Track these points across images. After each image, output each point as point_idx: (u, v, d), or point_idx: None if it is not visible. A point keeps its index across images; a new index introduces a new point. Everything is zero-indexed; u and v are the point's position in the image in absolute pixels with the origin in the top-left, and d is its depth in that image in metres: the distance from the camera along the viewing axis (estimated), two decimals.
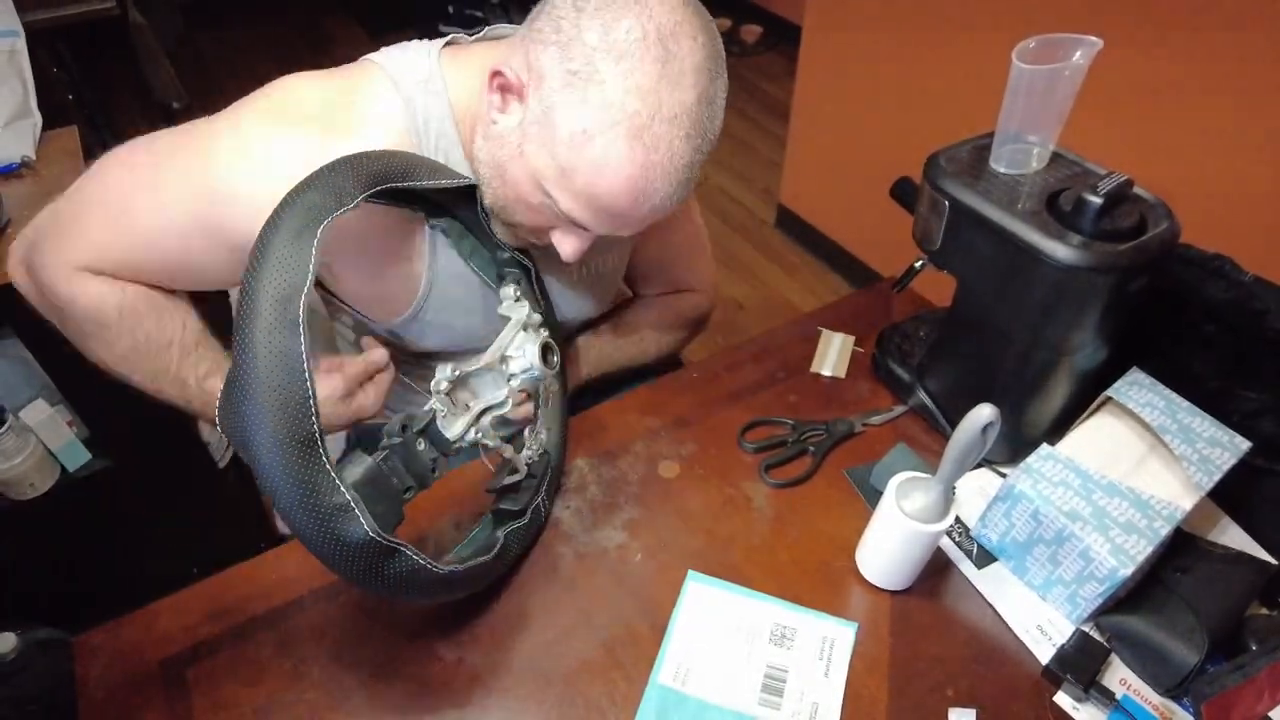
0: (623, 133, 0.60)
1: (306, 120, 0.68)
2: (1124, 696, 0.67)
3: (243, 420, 0.52)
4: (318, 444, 0.53)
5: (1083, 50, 0.65)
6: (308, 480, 0.52)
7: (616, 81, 0.59)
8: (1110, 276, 0.67)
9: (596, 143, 0.61)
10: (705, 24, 0.63)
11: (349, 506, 0.53)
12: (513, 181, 0.68)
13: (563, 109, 0.61)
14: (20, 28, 1.40)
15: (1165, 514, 0.68)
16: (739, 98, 3.41)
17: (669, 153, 0.62)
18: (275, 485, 0.52)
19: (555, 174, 0.64)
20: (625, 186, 0.63)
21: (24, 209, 1.22)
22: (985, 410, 0.59)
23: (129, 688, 0.68)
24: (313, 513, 0.53)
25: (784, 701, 0.67)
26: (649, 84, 0.59)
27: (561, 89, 0.61)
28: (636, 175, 0.62)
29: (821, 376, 0.97)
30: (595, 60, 0.59)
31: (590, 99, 0.60)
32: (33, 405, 1.31)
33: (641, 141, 0.61)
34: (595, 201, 0.64)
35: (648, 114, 0.60)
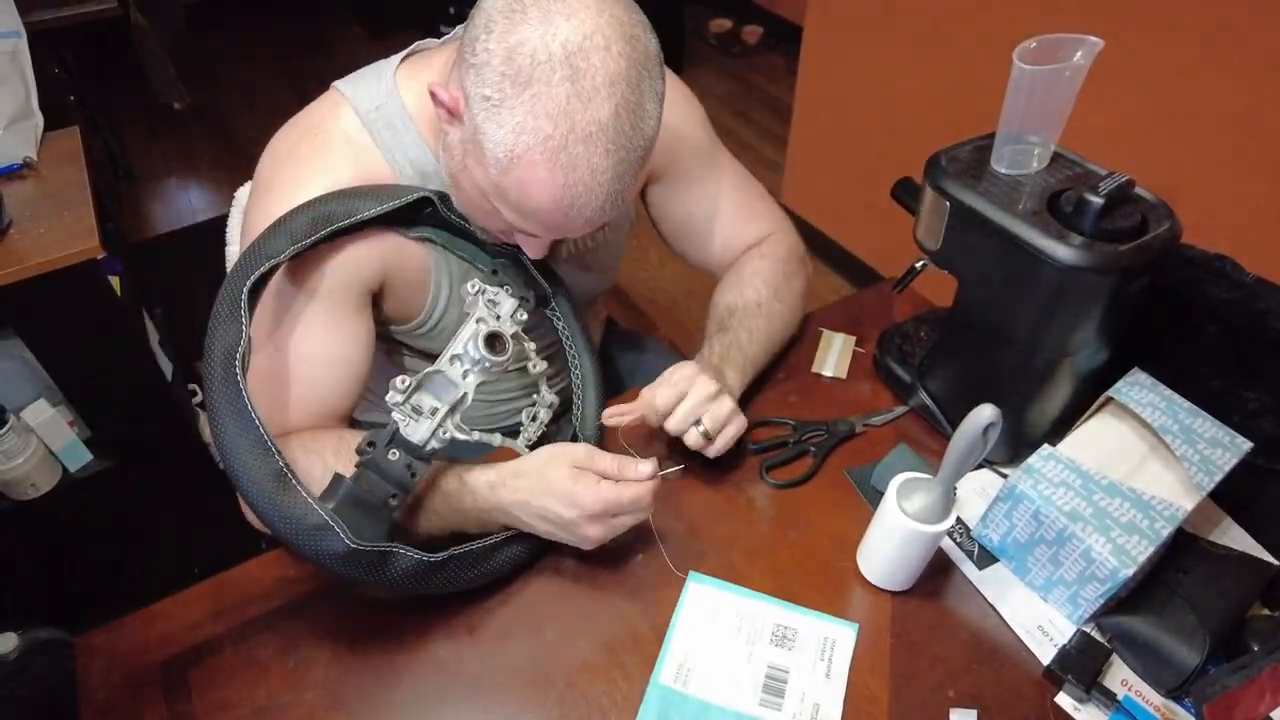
0: (538, 157, 0.61)
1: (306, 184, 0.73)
2: (1125, 697, 0.67)
3: (230, 469, 0.62)
4: (288, 477, 0.62)
5: (1083, 51, 0.65)
6: (288, 508, 0.61)
7: (525, 107, 0.59)
8: (1111, 277, 0.67)
9: (517, 166, 0.62)
10: (624, 30, 0.61)
11: (328, 525, 0.61)
12: (465, 191, 0.70)
13: (485, 132, 0.62)
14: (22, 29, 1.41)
15: (1167, 514, 0.68)
16: (740, 98, 3.41)
17: (589, 170, 0.62)
18: (265, 517, 0.61)
19: (491, 190, 0.66)
20: (552, 205, 0.64)
21: (26, 209, 1.22)
22: (986, 410, 0.59)
23: (130, 688, 0.68)
24: (299, 535, 0.61)
25: (785, 702, 0.67)
26: (558, 107, 0.59)
27: (480, 113, 0.61)
28: (559, 195, 0.63)
29: (822, 377, 0.97)
30: (504, 86, 0.60)
31: (505, 124, 0.60)
32: (34, 406, 1.32)
33: (559, 163, 0.61)
34: (532, 216, 0.66)
35: (560, 136, 0.60)
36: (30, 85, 1.39)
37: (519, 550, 0.75)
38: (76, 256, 1.17)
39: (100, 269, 1.23)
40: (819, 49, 2.23)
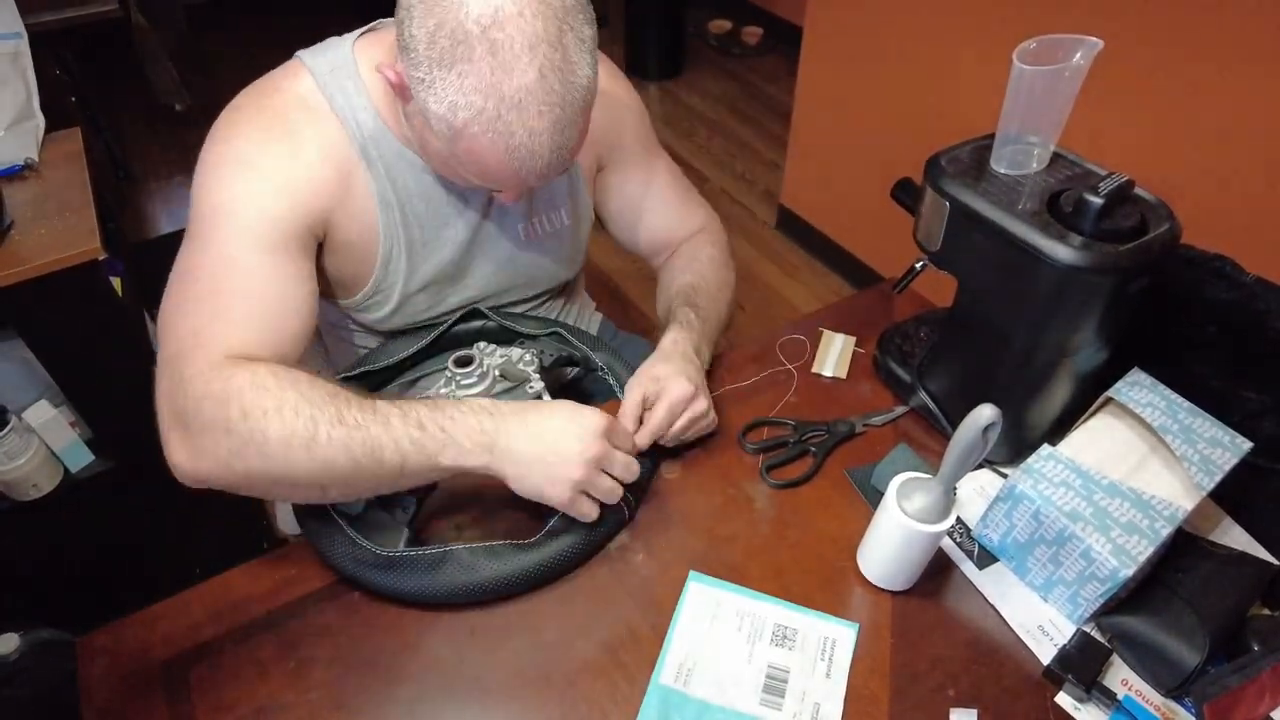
0: (477, 130, 0.65)
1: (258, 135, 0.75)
2: (1125, 697, 0.67)
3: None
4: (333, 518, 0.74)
5: (1083, 51, 0.66)
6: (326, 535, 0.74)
7: (454, 86, 0.63)
8: (1111, 277, 0.67)
9: (461, 138, 0.66)
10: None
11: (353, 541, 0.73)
12: (432, 157, 0.75)
13: (427, 109, 0.65)
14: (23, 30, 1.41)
15: (1167, 514, 0.68)
16: (739, 99, 3.41)
17: (526, 133, 0.65)
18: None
19: (449, 157, 0.70)
20: (500, 168, 0.68)
21: (27, 210, 1.22)
22: (986, 411, 0.59)
23: (131, 689, 0.68)
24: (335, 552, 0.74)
25: (785, 702, 0.67)
26: (484, 81, 0.62)
27: (420, 92, 0.65)
28: (504, 160, 0.67)
29: (822, 377, 0.97)
30: (431, 69, 0.63)
31: (441, 101, 0.64)
32: (36, 406, 1.32)
33: (497, 132, 0.65)
34: (488, 177, 0.71)
35: (492, 108, 0.63)
36: (31, 86, 1.39)
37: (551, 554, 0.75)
38: (78, 257, 1.17)
39: (101, 270, 1.23)
40: (819, 49, 2.23)
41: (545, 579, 0.74)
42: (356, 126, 0.78)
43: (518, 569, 0.72)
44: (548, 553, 0.73)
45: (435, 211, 0.86)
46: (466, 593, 0.72)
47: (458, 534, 0.80)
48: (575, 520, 0.74)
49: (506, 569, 0.72)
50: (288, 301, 0.74)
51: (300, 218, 0.75)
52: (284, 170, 0.74)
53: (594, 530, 0.76)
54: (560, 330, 0.95)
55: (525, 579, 0.73)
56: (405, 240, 0.85)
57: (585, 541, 0.75)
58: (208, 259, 0.72)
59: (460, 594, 0.72)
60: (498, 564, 0.72)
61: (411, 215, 0.84)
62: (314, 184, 0.76)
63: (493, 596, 0.73)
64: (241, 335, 0.69)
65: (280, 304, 0.73)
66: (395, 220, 0.83)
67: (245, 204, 0.72)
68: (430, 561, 0.71)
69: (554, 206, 0.94)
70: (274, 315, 0.72)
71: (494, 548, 0.73)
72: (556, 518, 0.75)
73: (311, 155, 0.76)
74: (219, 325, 0.69)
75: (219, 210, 0.72)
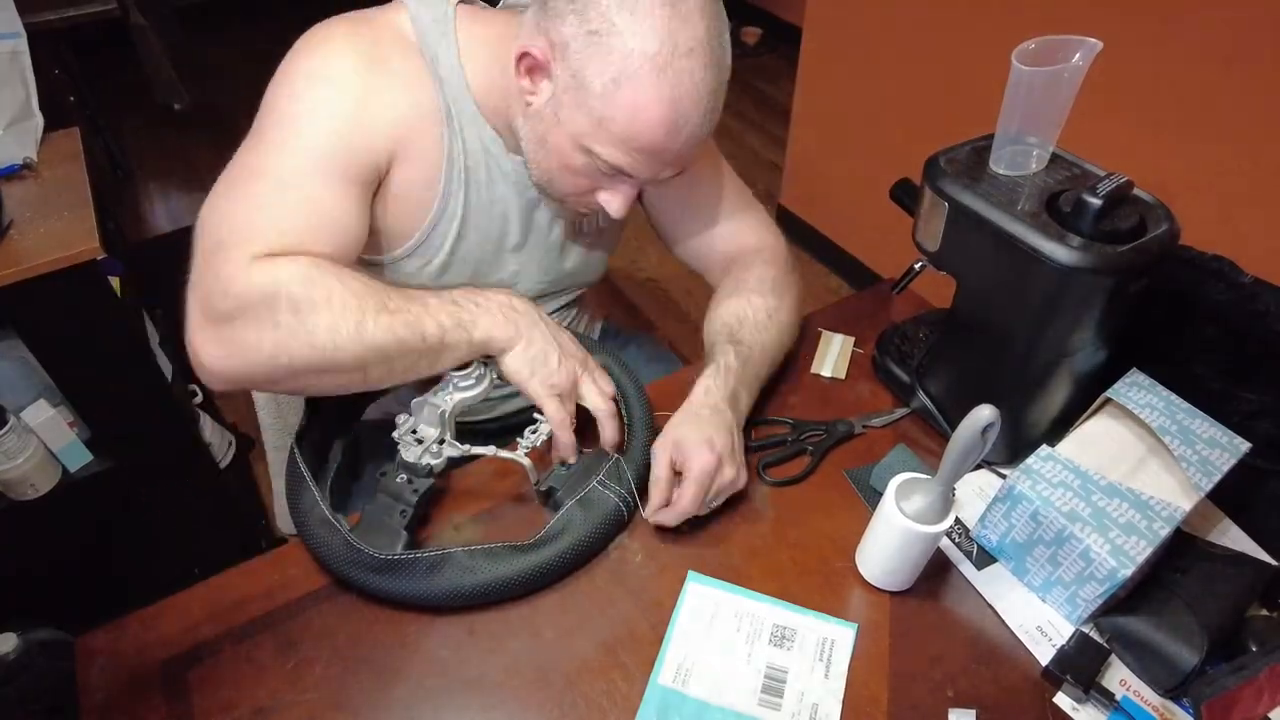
0: (648, 73, 0.67)
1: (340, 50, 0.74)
2: (1124, 697, 0.67)
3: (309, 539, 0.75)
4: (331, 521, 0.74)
5: (1082, 52, 0.66)
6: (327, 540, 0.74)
7: (633, 29, 0.66)
8: (1110, 278, 0.67)
9: (626, 88, 0.67)
10: None
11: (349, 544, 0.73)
12: (555, 150, 0.75)
13: (590, 67, 0.68)
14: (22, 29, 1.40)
15: (1165, 515, 0.68)
16: (739, 99, 3.41)
17: (693, 83, 0.68)
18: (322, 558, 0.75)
19: (593, 128, 0.70)
20: (660, 121, 0.69)
21: (26, 210, 1.22)
22: (985, 411, 0.60)
23: (130, 688, 0.68)
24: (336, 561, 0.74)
25: (784, 702, 0.67)
26: (662, 26, 0.66)
27: (585, 50, 0.67)
28: (667, 108, 0.68)
29: (821, 377, 0.97)
30: (610, 15, 0.66)
31: (614, 50, 0.66)
32: (34, 406, 1.31)
33: (666, 77, 0.67)
34: (634, 142, 0.70)
35: (667, 52, 0.66)
36: (30, 86, 1.39)
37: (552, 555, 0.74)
38: (77, 257, 1.17)
39: (100, 269, 1.23)
40: (818, 50, 2.24)
41: (544, 581, 0.74)
42: (444, 80, 0.78)
43: (517, 571, 0.72)
44: (546, 555, 0.73)
45: (496, 196, 0.85)
46: (465, 595, 0.71)
47: (456, 534, 0.80)
48: (573, 522, 0.74)
49: (505, 571, 0.72)
50: (339, 219, 0.73)
51: (370, 148, 0.74)
52: (365, 98, 0.73)
53: (593, 532, 0.75)
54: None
55: (524, 581, 0.73)
56: (462, 205, 0.83)
57: (584, 543, 0.75)
58: (267, 161, 0.71)
59: (459, 597, 0.71)
60: (497, 566, 0.72)
61: (474, 188, 0.83)
62: (392, 118, 0.75)
63: (492, 600, 0.73)
64: (286, 236, 0.69)
65: (331, 219, 0.72)
66: (458, 182, 0.82)
67: (320, 120, 0.72)
68: (429, 564, 0.71)
69: None
70: (323, 229, 0.72)
71: (493, 550, 0.73)
72: (554, 520, 0.75)
73: (397, 91, 0.75)
74: (264, 222, 0.69)
75: (291, 119, 0.72)
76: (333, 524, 0.73)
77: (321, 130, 0.72)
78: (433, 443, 0.76)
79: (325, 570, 0.75)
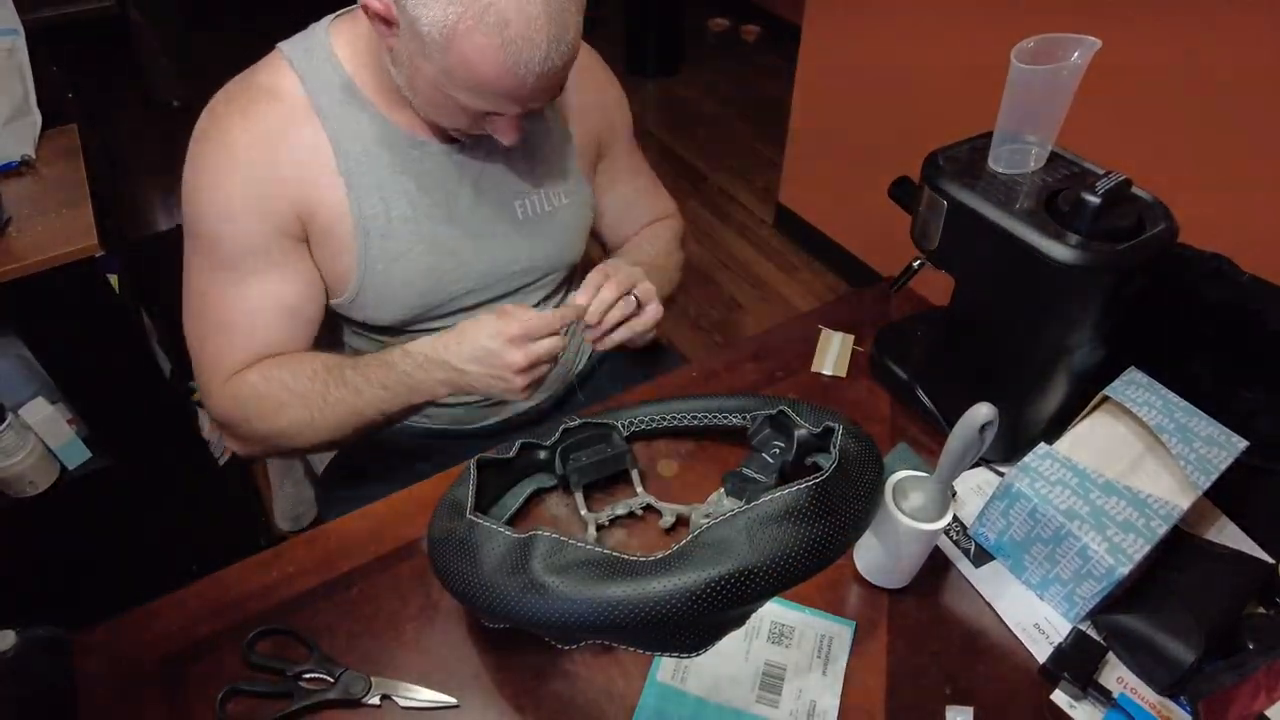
0: (471, 23, 0.63)
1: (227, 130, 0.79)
2: (1121, 695, 0.67)
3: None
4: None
5: (1081, 50, 0.66)
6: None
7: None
8: (1108, 276, 0.67)
9: (456, 40, 0.65)
10: None
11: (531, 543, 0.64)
12: (423, 93, 0.74)
13: (419, 20, 0.65)
14: (20, 26, 1.40)
15: (1163, 513, 0.69)
16: (738, 97, 3.41)
17: (522, 18, 0.64)
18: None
19: (443, 77, 0.69)
20: (499, 67, 0.66)
21: (24, 207, 1.22)
22: (983, 409, 0.60)
23: (129, 686, 0.69)
24: None
25: (782, 700, 0.68)
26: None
27: (410, 5, 0.65)
28: (502, 55, 0.65)
29: (822, 376, 0.97)
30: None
31: (432, 4, 0.64)
32: (33, 403, 1.31)
33: (490, 23, 0.63)
34: (486, 88, 0.68)
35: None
36: (28, 83, 1.39)
37: None
38: (75, 254, 1.16)
39: (99, 267, 1.23)
40: (817, 47, 2.23)
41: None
42: (327, 107, 0.79)
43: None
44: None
45: (428, 188, 0.85)
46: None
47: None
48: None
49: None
50: (283, 306, 0.83)
51: (274, 226, 0.80)
52: (254, 179, 0.77)
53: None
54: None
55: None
56: (390, 219, 0.83)
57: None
58: (201, 282, 0.82)
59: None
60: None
61: (399, 194, 0.83)
62: (285, 184, 0.79)
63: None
64: (238, 354, 0.83)
65: (276, 313, 0.83)
66: (373, 199, 0.82)
67: (220, 232, 0.79)
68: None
69: (550, 184, 0.93)
70: (271, 325, 0.83)
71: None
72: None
73: (280, 153, 0.78)
74: (219, 349, 0.83)
75: (202, 229, 0.79)
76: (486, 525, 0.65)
77: (227, 235, 0.79)
78: None
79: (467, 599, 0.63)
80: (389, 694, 0.67)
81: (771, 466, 0.79)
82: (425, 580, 0.75)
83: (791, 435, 0.78)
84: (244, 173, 0.77)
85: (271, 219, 0.79)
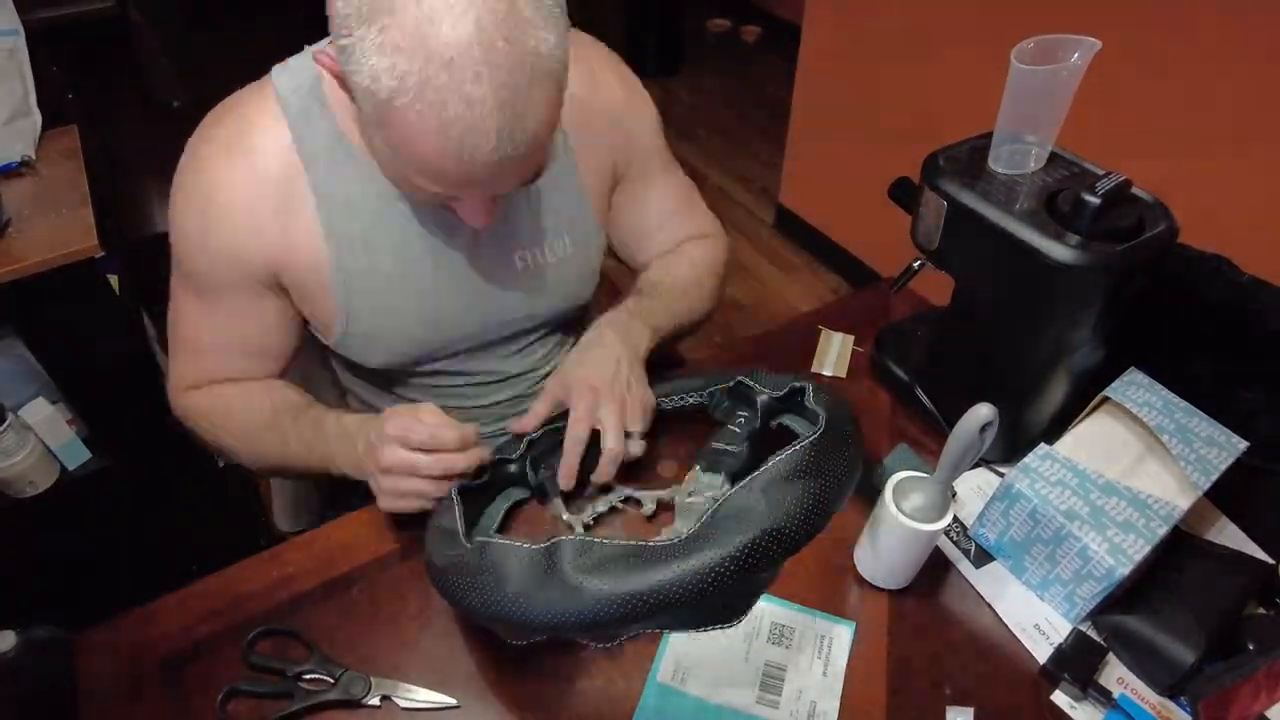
0: (404, 101, 0.53)
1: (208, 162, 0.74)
2: (1121, 695, 0.67)
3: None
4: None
5: (1081, 51, 0.66)
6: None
7: (374, 44, 0.52)
8: (1108, 276, 0.67)
9: (390, 117, 0.55)
10: None
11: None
12: (381, 162, 0.67)
13: (356, 86, 0.55)
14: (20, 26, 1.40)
15: (1163, 513, 0.69)
16: (738, 97, 3.41)
17: (463, 101, 0.53)
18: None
19: (390, 155, 0.60)
20: (440, 154, 0.56)
21: (24, 207, 1.22)
22: (983, 410, 0.60)
23: (129, 686, 0.68)
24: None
25: (782, 700, 0.68)
26: (408, 36, 0.51)
27: (346, 68, 0.55)
28: (440, 141, 0.55)
29: (822, 376, 0.97)
30: (353, 27, 0.53)
31: (364, 73, 0.53)
32: (33, 404, 1.32)
33: (425, 101, 0.53)
34: (429, 172, 0.59)
35: (418, 70, 0.52)
36: (28, 83, 1.39)
37: None
38: (75, 255, 1.17)
39: (98, 267, 1.23)
40: (817, 48, 2.24)
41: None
42: (314, 144, 0.72)
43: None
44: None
45: (414, 242, 0.78)
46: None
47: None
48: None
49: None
50: (241, 345, 0.83)
51: (244, 270, 0.77)
52: (231, 229, 0.74)
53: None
54: None
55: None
56: (375, 275, 0.78)
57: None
58: (176, 303, 0.82)
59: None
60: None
61: (384, 248, 0.77)
62: (262, 237, 0.74)
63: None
64: (196, 375, 0.85)
65: (232, 349, 0.83)
66: (356, 253, 0.76)
67: (194, 261, 0.77)
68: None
69: (555, 234, 0.84)
70: (231, 358, 0.84)
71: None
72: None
73: (259, 208, 0.73)
74: (181, 364, 0.85)
75: (179, 251, 0.78)
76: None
77: (203, 264, 0.77)
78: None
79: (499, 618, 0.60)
80: (389, 694, 0.67)
81: (740, 436, 0.80)
82: (425, 580, 0.75)
83: (754, 403, 0.81)
84: (222, 222, 0.73)
85: (243, 267, 0.76)
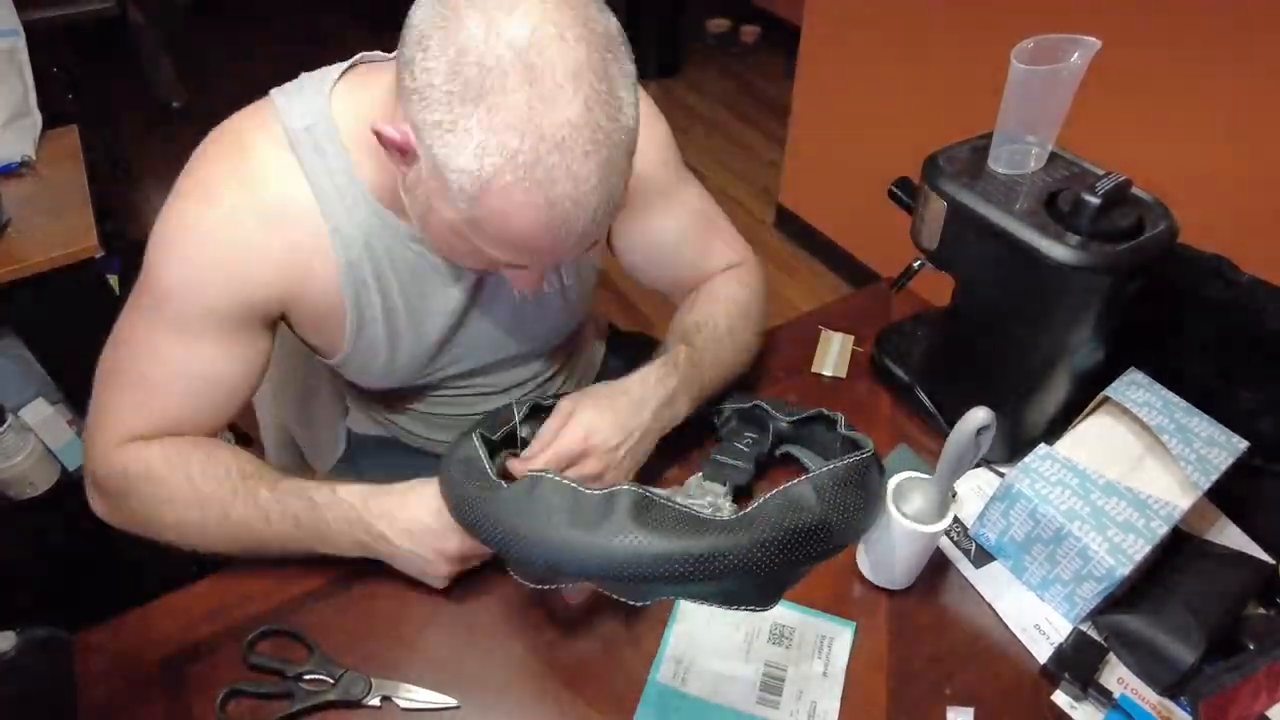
0: (510, 179, 0.53)
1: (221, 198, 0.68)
2: (1122, 695, 0.67)
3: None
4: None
5: (1080, 51, 0.66)
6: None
7: (483, 124, 0.52)
8: (1108, 277, 0.67)
9: (490, 195, 0.54)
10: (576, 13, 0.53)
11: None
12: (436, 234, 0.63)
13: (445, 164, 0.54)
14: (20, 27, 1.41)
15: (1163, 514, 0.69)
16: (737, 98, 3.41)
17: (570, 180, 0.54)
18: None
19: (468, 226, 0.58)
20: (538, 230, 0.56)
21: (24, 208, 1.22)
22: (980, 414, 0.59)
23: (129, 686, 0.68)
24: None
25: (782, 700, 0.68)
26: (520, 116, 0.52)
27: (435, 143, 0.54)
28: (544, 216, 0.55)
29: (822, 376, 0.97)
30: (454, 106, 0.52)
31: (464, 149, 0.53)
32: (33, 404, 1.32)
33: (535, 180, 0.53)
34: (516, 245, 0.59)
35: (530, 149, 0.52)
36: (28, 84, 1.39)
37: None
38: (75, 255, 1.17)
39: (99, 268, 1.23)
40: (817, 49, 2.24)
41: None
42: (332, 193, 0.69)
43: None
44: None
45: (422, 281, 0.77)
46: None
47: None
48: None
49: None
50: (209, 388, 0.73)
51: (245, 304, 0.70)
52: (233, 257, 0.68)
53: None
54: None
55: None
56: (383, 312, 0.77)
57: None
58: (137, 336, 0.72)
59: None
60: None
61: (393, 287, 0.76)
62: (265, 272, 0.70)
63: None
64: (147, 422, 0.73)
65: (198, 392, 0.73)
66: (369, 294, 0.75)
67: (185, 291, 0.69)
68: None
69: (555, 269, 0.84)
70: (188, 405, 0.73)
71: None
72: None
73: (272, 243, 0.69)
74: (127, 407, 0.73)
75: (159, 289, 0.69)
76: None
77: (188, 303, 0.69)
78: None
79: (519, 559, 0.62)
80: (389, 695, 0.67)
81: (747, 455, 0.82)
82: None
83: (767, 427, 0.84)
84: (227, 253, 0.68)
85: (242, 298, 0.70)
